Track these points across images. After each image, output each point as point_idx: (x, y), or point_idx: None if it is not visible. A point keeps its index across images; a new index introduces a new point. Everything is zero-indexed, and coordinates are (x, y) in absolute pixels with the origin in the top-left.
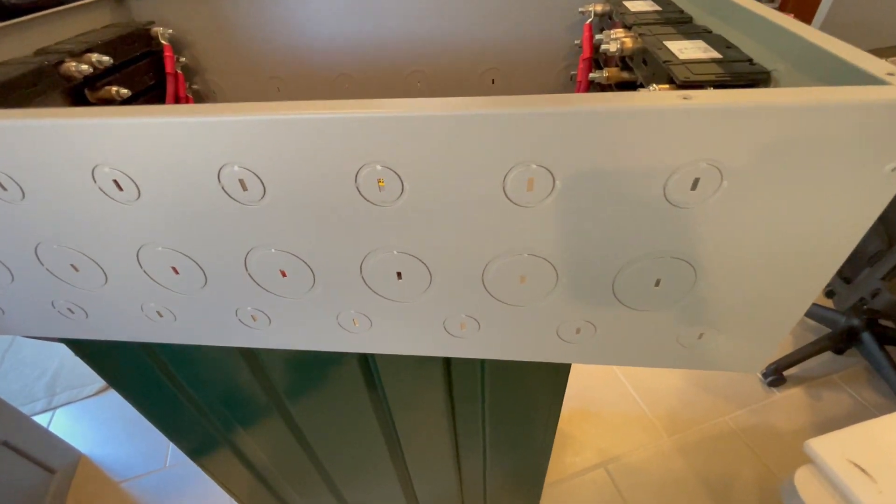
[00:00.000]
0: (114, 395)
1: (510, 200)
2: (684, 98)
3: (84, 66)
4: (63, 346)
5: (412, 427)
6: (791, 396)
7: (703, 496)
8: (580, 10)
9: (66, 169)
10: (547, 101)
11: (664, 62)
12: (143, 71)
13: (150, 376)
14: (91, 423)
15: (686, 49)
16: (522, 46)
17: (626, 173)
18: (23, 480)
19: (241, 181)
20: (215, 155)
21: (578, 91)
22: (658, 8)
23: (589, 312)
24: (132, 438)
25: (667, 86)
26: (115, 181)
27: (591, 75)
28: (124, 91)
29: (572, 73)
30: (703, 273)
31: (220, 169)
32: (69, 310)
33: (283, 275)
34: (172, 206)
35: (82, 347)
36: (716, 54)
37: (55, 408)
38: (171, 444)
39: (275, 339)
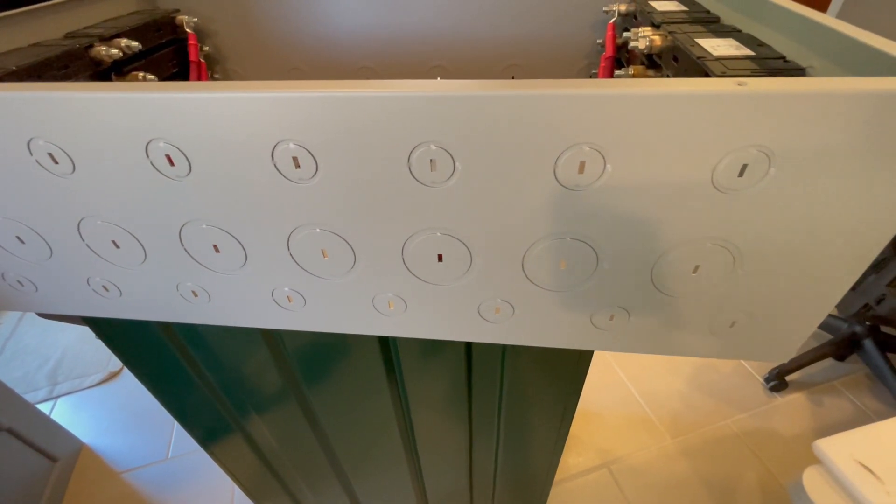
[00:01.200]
0: (116, 386)
1: (560, 183)
2: (739, 84)
3: (114, 51)
4: (66, 336)
5: (427, 414)
6: (793, 401)
7: (705, 498)
8: (604, 9)
9: (120, 143)
10: (605, 85)
11: (698, 58)
12: (167, 58)
13: (168, 358)
14: (93, 413)
15: (718, 46)
16: (543, 43)
17: (676, 157)
18: (25, 468)
19: (295, 158)
20: (272, 131)
21: None
22: (685, 8)
23: (625, 299)
24: (134, 429)
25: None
26: (168, 156)
27: (617, 73)
28: (150, 76)
29: (593, 71)
30: (742, 260)
31: (276, 145)
32: (104, 287)
33: (325, 255)
34: (223, 183)
35: (102, 327)
36: (748, 51)
37: (56, 397)
38: (174, 436)
39: (308, 321)
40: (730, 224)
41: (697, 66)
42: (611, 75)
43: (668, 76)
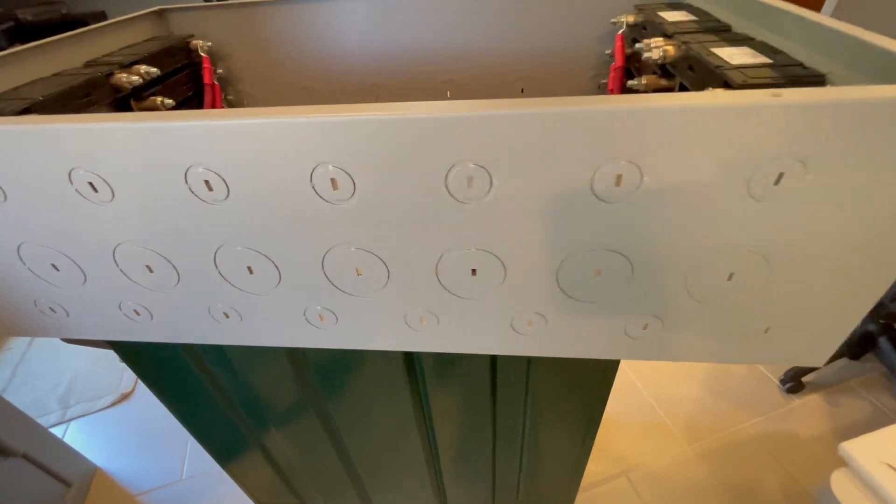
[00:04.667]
0: (128, 407)
1: (596, 196)
2: (774, 95)
3: (134, 77)
4: (77, 359)
5: (450, 426)
6: (810, 403)
7: (726, 503)
8: (612, 20)
9: (161, 170)
10: (641, 100)
11: (716, 67)
12: (182, 82)
13: (191, 378)
14: (106, 435)
15: (735, 55)
16: (551, 56)
17: (712, 168)
18: (40, 493)
19: (333, 180)
20: (310, 155)
21: None
22: (695, 18)
23: (659, 307)
24: (148, 451)
25: (721, 90)
26: (207, 181)
27: (630, 83)
28: (169, 101)
29: (602, 81)
30: (777, 267)
31: (314, 168)
32: (135, 311)
33: (359, 273)
34: (261, 206)
35: (127, 350)
36: (765, 59)
37: (69, 420)
38: (188, 456)
39: (339, 339)
40: (765, 232)
41: (716, 75)
42: (621, 85)
43: (682, 85)
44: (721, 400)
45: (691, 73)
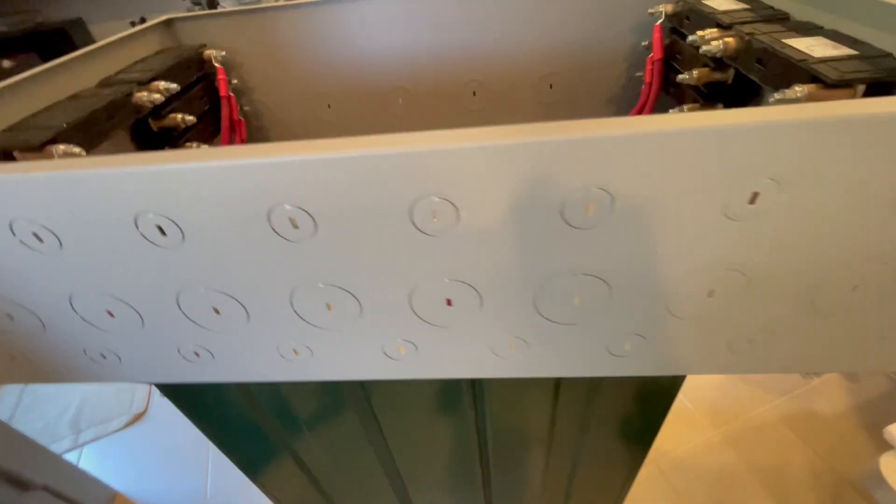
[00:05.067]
0: (142, 427)
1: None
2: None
3: (156, 95)
4: None
5: (505, 449)
6: (829, 381)
7: (756, 487)
8: (650, 11)
9: (237, 209)
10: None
11: (799, 61)
12: (198, 96)
13: (242, 416)
14: (122, 458)
15: (814, 46)
16: (581, 51)
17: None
18: None
19: (292, 220)
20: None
21: (647, 93)
22: (746, 6)
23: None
24: (167, 471)
25: (813, 86)
26: (292, 220)
27: (680, 77)
28: (189, 118)
29: (638, 73)
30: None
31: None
32: (195, 353)
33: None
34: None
35: (175, 390)
36: (849, 51)
37: (82, 445)
38: (210, 475)
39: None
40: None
41: (799, 70)
42: (661, 78)
43: (738, 77)
44: (741, 383)
45: (762, 67)
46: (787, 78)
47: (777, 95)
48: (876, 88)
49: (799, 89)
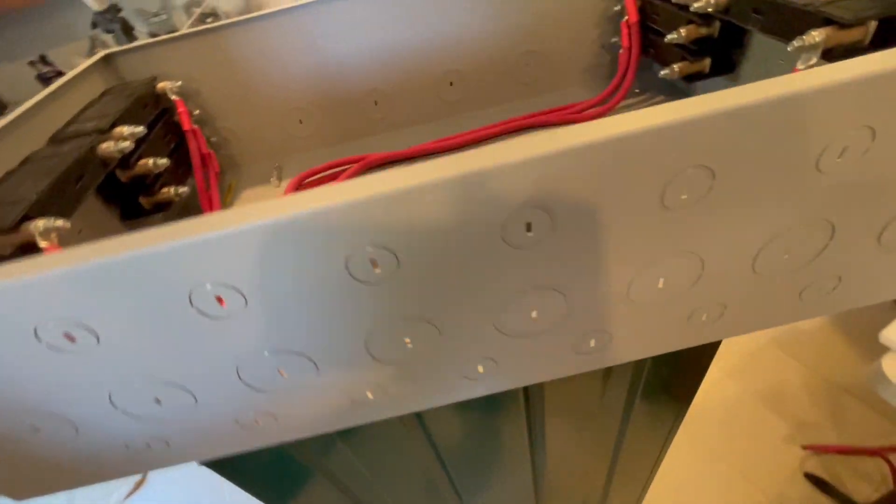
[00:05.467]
0: (145, 495)
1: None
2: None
3: (124, 143)
4: None
5: (559, 455)
6: None
7: (764, 411)
8: None
9: (314, 259)
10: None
11: (805, 6)
12: (161, 135)
13: (298, 473)
14: None
15: None
16: (554, 23)
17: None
18: None
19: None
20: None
21: (627, 58)
22: None
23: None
24: None
25: (829, 29)
26: (373, 260)
27: (669, 37)
28: (162, 161)
29: (613, 39)
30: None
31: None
32: (255, 420)
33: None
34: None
35: (223, 463)
36: None
37: None
38: None
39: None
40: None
41: (807, 15)
42: (639, 42)
43: (725, 28)
44: None
45: (760, 16)
46: (792, 25)
47: (796, 43)
48: (886, 25)
49: (816, 34)
